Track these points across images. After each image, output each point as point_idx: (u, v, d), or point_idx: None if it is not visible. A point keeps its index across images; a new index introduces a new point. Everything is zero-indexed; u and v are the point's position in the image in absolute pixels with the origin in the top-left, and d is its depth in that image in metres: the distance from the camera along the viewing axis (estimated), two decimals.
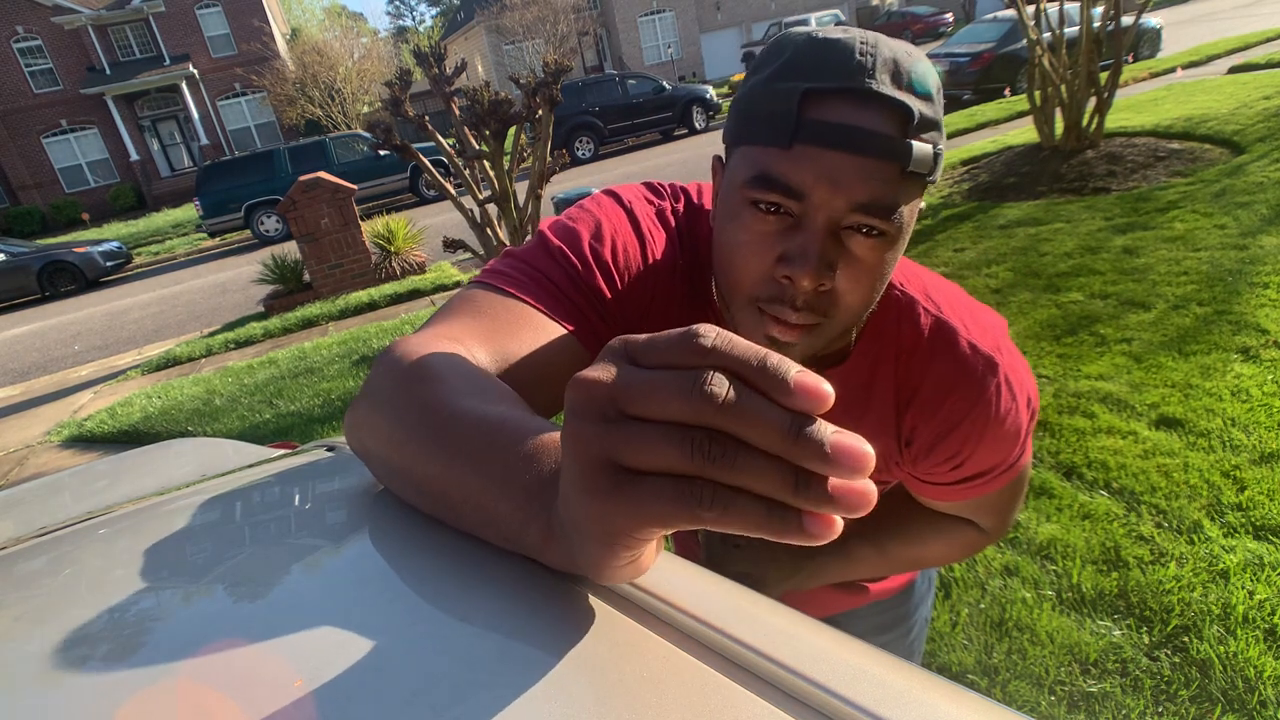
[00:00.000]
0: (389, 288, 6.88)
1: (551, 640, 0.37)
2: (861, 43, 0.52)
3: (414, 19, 69.20)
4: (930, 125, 0.52)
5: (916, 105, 0.51)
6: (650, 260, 0.65)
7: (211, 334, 6.77)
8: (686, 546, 0.91)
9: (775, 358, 0.25)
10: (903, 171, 0.51)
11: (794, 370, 0.24)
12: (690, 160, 11.22)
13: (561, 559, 0.36)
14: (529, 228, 4.00)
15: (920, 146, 0.51)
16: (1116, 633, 1.69)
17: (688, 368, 0.25)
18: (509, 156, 3.98)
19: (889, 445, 0.70)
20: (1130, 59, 11.09)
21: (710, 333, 0.25)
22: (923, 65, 0.54)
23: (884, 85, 0.50)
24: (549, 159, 3.87)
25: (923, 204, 0.59)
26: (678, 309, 0.67)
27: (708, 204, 0.70)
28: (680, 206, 0.69)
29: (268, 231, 12.71)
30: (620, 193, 0.69)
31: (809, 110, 0.51)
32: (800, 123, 0.51)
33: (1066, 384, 2.77)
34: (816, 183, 0.51)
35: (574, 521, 0.31)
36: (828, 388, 0.24)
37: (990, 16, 11.98)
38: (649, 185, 0.71)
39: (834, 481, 0.24)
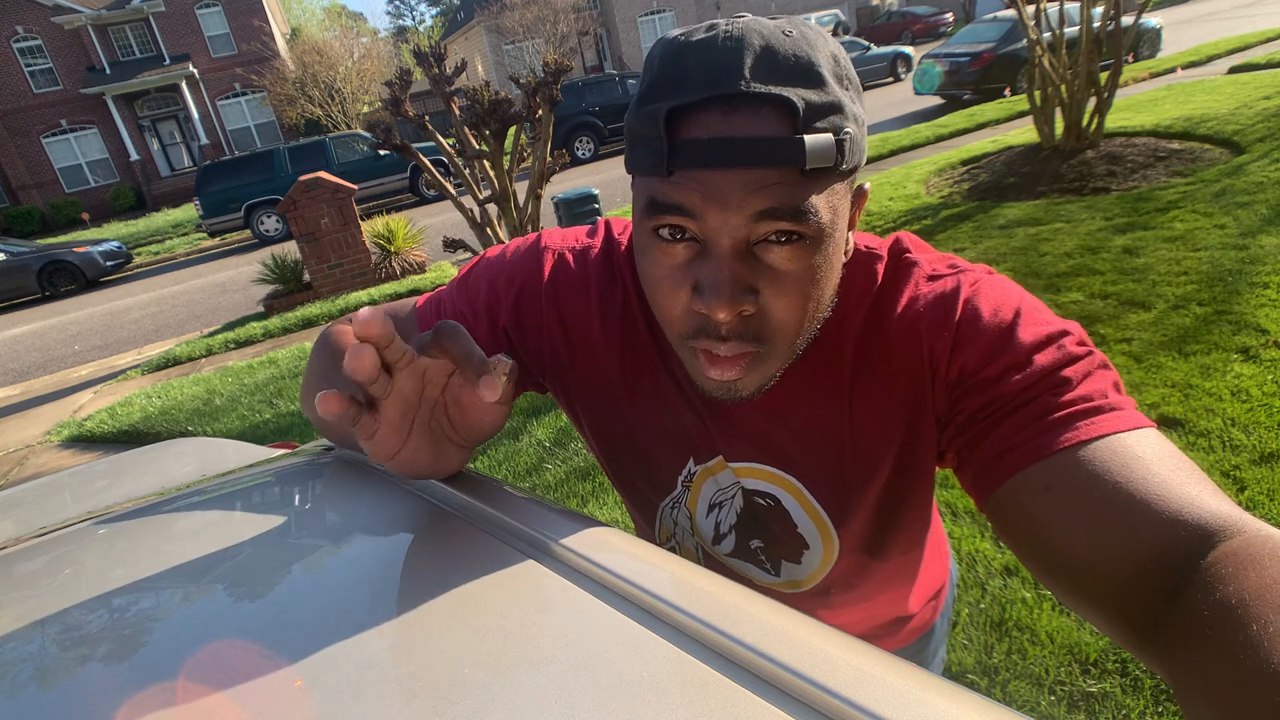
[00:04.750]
0: (389, 287, 6.88)
1: (551, 640, 0.37)
2: (725, 37, 0.46)
3: (414, 19, 69.21)
4: (826, 110, 0.46)
5: (800, 95, 0.45)
6: (554, 302, 0.65)
7: (211, 334, 6.77)
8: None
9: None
10: (801, 171, 0.45)
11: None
12: None
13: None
14: (529, 228, 4.00)
15: (816, 140, 0.45)
16: None
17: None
18: (509, 156, 3.98)
19: (893, 407, 0.58)
20: (1130, 59, 11.08)
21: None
22: (807, 43, 0.46)
23: (756, 82, 0.44)
24: (549, 159, 3.87)
25: (866, 185, 0.54)
26: (600, 344, 0.65)
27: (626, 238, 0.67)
28: (598, 241, 0.67)
29: (268, 231, 12.70)
30: (544, 239, 0.68)
31: (679, 130, 0.46)
32: (673, 147, 0.46)
33: None
34: (705, 205, 0.46)
35: None
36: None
37: (990, 16, 11.96)
38: (590, 229, 0.69)
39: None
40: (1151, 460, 0.45)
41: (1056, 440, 0.47)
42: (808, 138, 0.45)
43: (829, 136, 0.45)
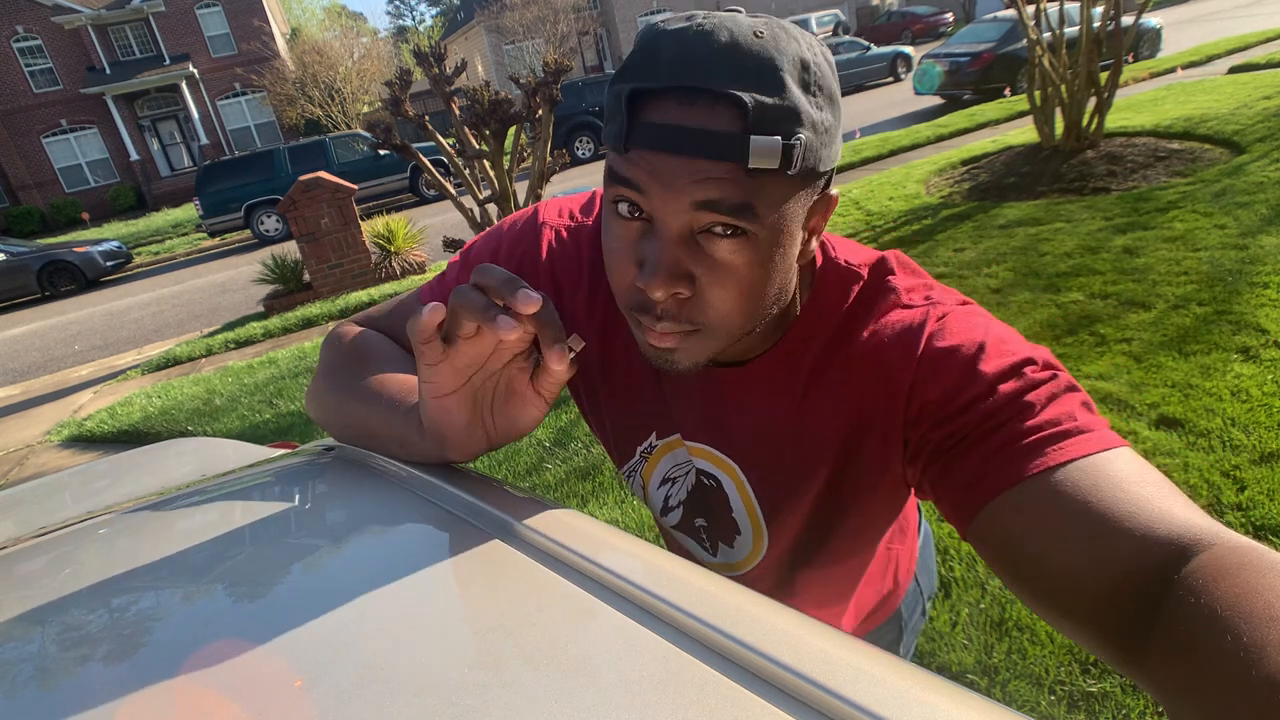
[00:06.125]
0: (389, 287, 6.87)
1: (551, 640, 0.37)
2: (696, 30, 0.48)
3: (414, 19, 69.18)
4: (779, 114, 0.46)
5: (754, 97, 0.46)
6: (550, 275, 0.70)
7: (211, 334, 6.77)
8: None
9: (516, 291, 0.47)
10: (745, 169, 0.47)
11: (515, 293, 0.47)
12: None
13: (426, 446, 0.58)
14: None
15: (761, 141, 0.46)
16: None
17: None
18: (509, 156, 3.98)
19: (839, 424, 0.61)
20: (1130, 59, 11.08)
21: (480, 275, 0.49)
22: (775, 47, 0.47)
23: (714, 79, 0.46)
24: (549, 159, 3.87)
25: (834, 192, 0.55)
26: (584, 319, 0.70)
27: None
28: (591, 219, 0.71)
29: (268, 231, 12.69)
30: (541, 214, 0.72)
31: (641, 112, 0.49)
32: (632, 126, 0.49)
33: None
34: (651, 185, 0.49)
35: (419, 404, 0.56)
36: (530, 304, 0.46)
37: (990, 16, 11.95)
38: (584, 203, 0.73)
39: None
40: (1122, 478, 0.45)
41: (1026, 466, 0.48)
42: (754, 137, 0.46)
43: (776, 139, 0.46)
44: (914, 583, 0.94)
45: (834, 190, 0.55)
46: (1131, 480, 0.45)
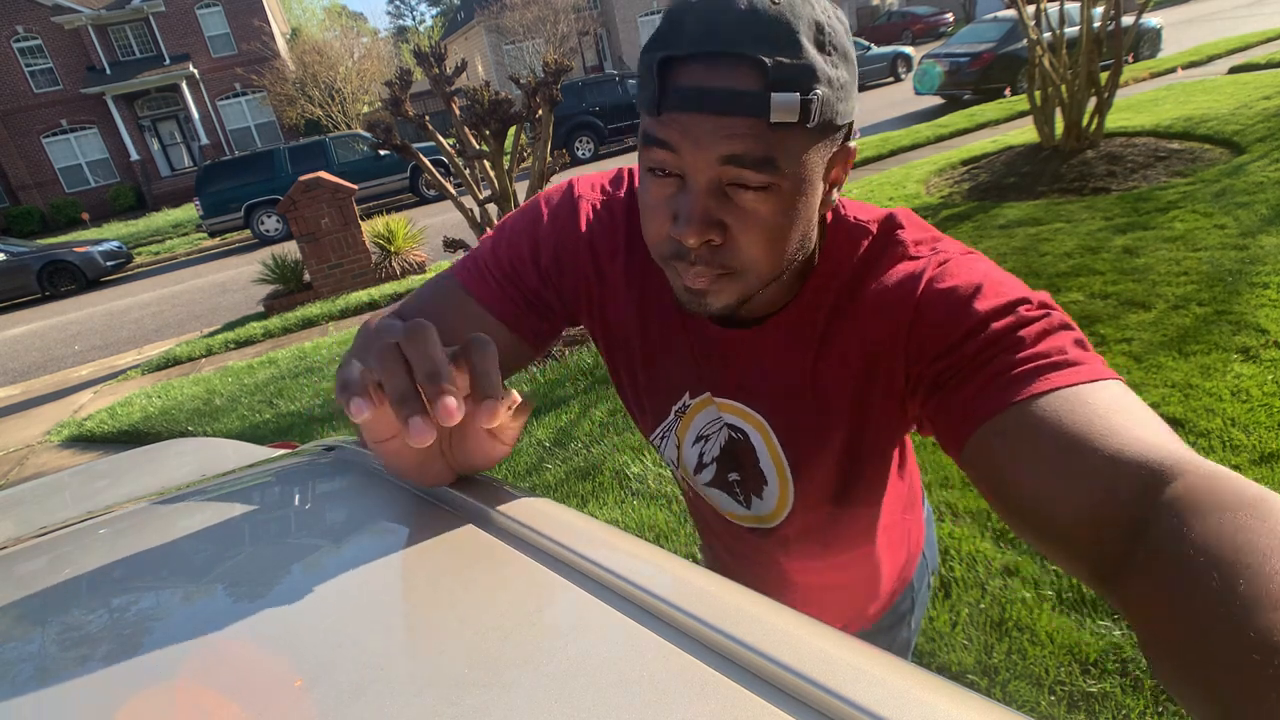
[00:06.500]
0: (389, 287, 6.88)
1: (551, 640, 0.37)
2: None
3: (414, 19, 69.20)
4: (796, 72, 0.50)
5: (773, 57, 0.50)
6: (589, 247, 0.73)
7: (211, 334, 6.77)
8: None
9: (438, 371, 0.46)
10: (768, 124, 0.51)
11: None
12: None
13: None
14: None
15: (781, 97, 0.50)
16: (1116, 633, 1.69)
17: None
18: (509, 156, 3.98)
19: (851, 373, 0.64)
20: (1130, 59, 11.08)
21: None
22: (791, 11, 0.51)
23: (735, 43, 0.50)
24: (549, 159, 3.87)
25: (852, 144, 0.58)
26: (623, 288, 0.73)
27: None
28: (622, 192, 0.74)
29: (268, 231, 12.70)
30: (576, 189, 0.75)
31: (670, 77, 0.53)
32: (663, 90, 0.53)
33: None
34: (682, 143, 0.53)
35: None
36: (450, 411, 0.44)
37: (990, 16, 11.96)
38: (613, 178, 0.75)
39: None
40: (1102, 407, 0.47)
41: (1012, 394, 0.50)
42: (774, 94, 0.50)
43: (795, 95, 0.50)
44: (921, 555, 0.99)
45: (853, 143, 0.59)
46: (1111, 409, 0.47)
